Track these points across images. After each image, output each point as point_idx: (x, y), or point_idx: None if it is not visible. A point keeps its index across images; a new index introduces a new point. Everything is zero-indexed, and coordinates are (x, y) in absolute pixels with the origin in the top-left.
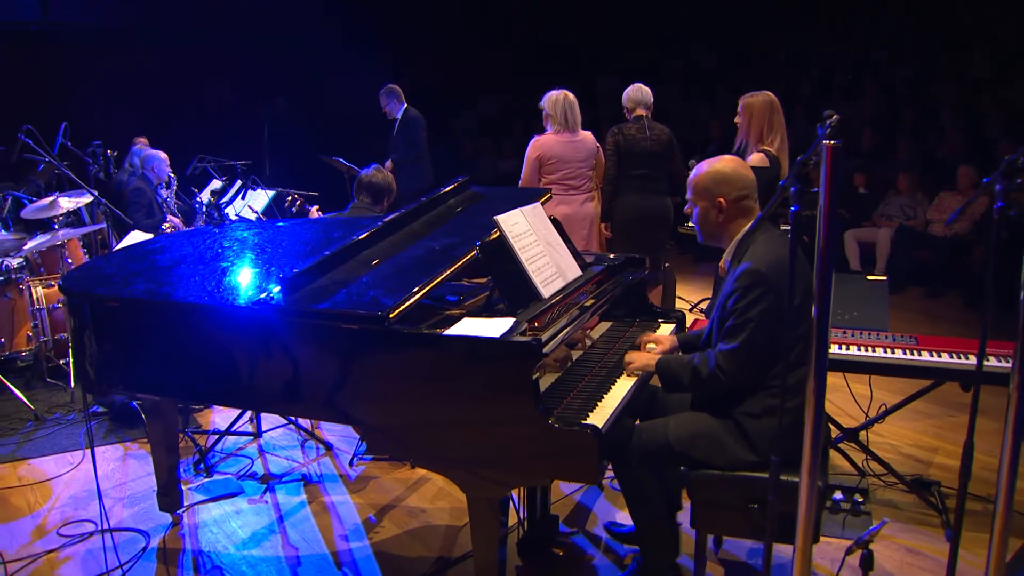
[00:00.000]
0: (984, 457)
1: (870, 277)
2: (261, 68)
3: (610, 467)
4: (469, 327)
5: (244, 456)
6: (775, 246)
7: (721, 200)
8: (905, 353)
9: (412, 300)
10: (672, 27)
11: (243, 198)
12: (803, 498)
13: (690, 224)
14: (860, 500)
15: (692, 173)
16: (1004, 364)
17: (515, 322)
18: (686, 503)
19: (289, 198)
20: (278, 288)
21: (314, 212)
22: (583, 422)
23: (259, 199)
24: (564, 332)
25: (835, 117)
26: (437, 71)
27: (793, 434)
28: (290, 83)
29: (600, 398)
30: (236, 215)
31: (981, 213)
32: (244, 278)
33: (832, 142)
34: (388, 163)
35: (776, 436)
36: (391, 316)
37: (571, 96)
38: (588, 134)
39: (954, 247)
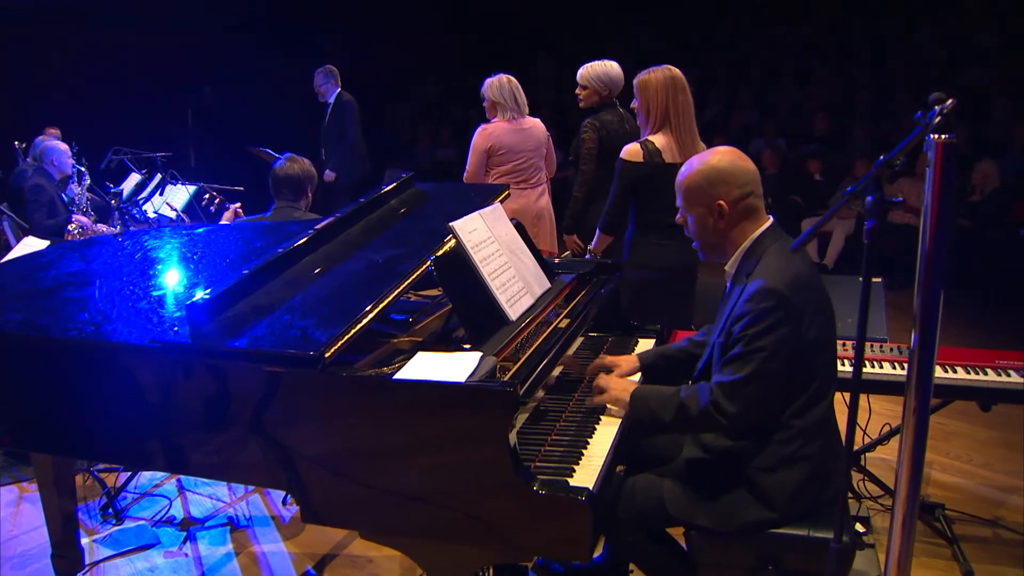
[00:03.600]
0: (987, 473)
1: None
2: (188, 54)
3: None
4: (425, 367)
5: (161, 495)
6: (790, 259)
7: (721, 203)
8: None
9: (352, 333)
10: (612, 8)
11: (162, 194)
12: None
13: None
14: (862, 531)
15: (681, 173)
16: None
17: (481, 357)
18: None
19: (207, 196)
20: (183, 318)
21: (230, 214)
22: (571, 483)
23: (179, 195)
24: (541, 368)
25: (950, 102)
26: (371, 56)
27: (814, 488)
28: (218, 70)
29: (584, 444)
30: (155, 213)
31: None
32: (145, 304)
33: (943, 136)
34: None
35: (838, 505)
36: (326, 356)
37: (513, 79)
38: (537, 121)
39: (914, 237)
